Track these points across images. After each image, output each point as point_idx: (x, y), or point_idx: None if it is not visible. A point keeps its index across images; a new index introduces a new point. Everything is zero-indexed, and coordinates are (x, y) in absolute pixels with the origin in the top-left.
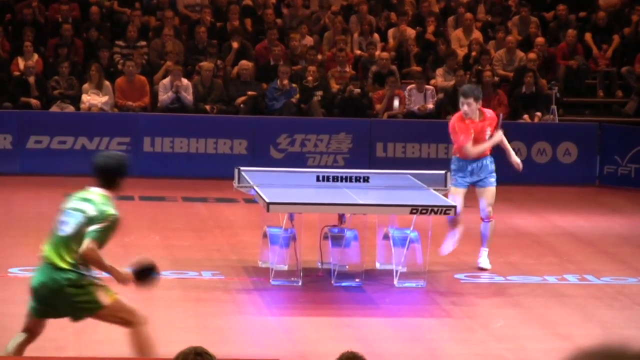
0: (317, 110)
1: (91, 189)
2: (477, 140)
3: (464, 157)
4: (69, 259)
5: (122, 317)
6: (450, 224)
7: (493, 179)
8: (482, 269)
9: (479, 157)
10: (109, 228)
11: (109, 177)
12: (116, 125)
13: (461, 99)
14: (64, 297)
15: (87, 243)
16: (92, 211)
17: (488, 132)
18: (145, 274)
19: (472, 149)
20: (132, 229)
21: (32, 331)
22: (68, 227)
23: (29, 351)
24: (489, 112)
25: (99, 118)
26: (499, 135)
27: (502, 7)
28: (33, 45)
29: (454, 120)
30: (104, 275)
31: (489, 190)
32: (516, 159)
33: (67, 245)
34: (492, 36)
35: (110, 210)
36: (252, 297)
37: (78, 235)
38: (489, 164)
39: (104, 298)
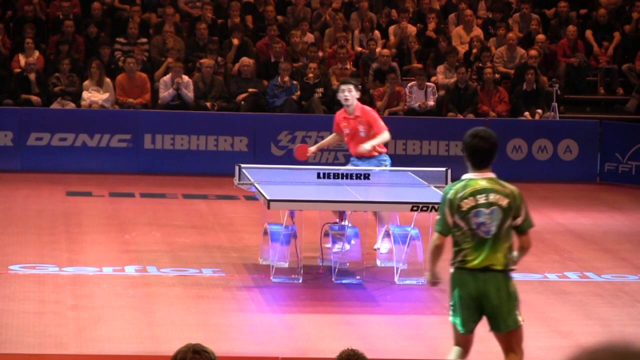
0: (317, 107)
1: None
2: (352, 137)
3: (354, 154)
4: None
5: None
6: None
7: None
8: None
9: (366, 157)
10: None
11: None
12: (117, 122)
13: (341, 87)
14: None
15: None
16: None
17: (362, 130)
18: None
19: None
20: (132, 226)
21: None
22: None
23: (29, 348)
24: (363, 109)
25: (99, 115)
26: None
27: (503, 4)
28: (34, 42)
29: (336, 113)
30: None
31: None
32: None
33: None
34: (492, 33)
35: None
36: (253, 294)
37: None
38: (378, 163)
39: None
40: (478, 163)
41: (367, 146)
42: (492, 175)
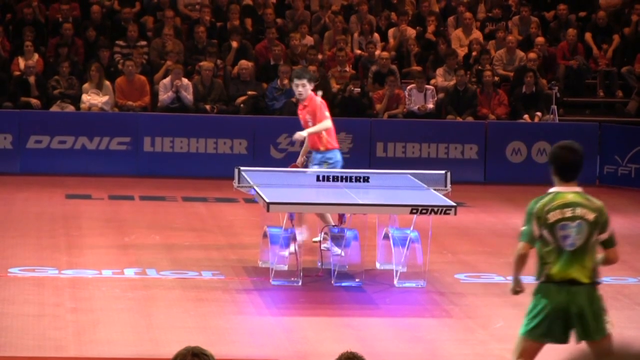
0: None
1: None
2: (304, 127)
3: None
4: None
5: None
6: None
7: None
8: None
9: (316, 150)
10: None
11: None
12: (116, 125)
13: (295, 82)
14: None
15: None
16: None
17: (309, 119)
18: None
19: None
20: (132, 229)
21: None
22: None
23: (29, 351)
24: (311, 99)
25: (99, 118)
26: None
27: (503, 6)
28: (33, 44)
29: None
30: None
31: None
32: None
33: None
34: (492, 35)
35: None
36: (252, 297)
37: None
38: (320, 159)
39: None
40: (566, 176)
41: (303, 133)
42: (579, 189)
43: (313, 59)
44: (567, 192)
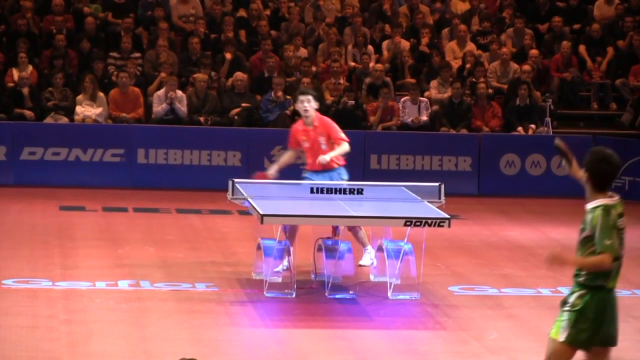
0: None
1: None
2: (312, 149)
3: (311, 168)
4: None
5: None
6: None
7: None
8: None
9: (325, 169)
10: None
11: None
12: (110, 137)
13: (300, 98)
14: None
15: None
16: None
17: (322, 142)
18: None
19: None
20: (126, 241)
21: None
22: None
23: None
24: (322, 120)
25: (93, 129)
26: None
27: (497, 18)
28: (27, 56)
29: (292, 127)
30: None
31: None
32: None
33: None
34: (486, 47)
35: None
36: (246, 309)
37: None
38: (338, 176)
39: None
40: (608, 187)
41: (327, 157)
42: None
43: (307, 71)
44: (617, 202)
